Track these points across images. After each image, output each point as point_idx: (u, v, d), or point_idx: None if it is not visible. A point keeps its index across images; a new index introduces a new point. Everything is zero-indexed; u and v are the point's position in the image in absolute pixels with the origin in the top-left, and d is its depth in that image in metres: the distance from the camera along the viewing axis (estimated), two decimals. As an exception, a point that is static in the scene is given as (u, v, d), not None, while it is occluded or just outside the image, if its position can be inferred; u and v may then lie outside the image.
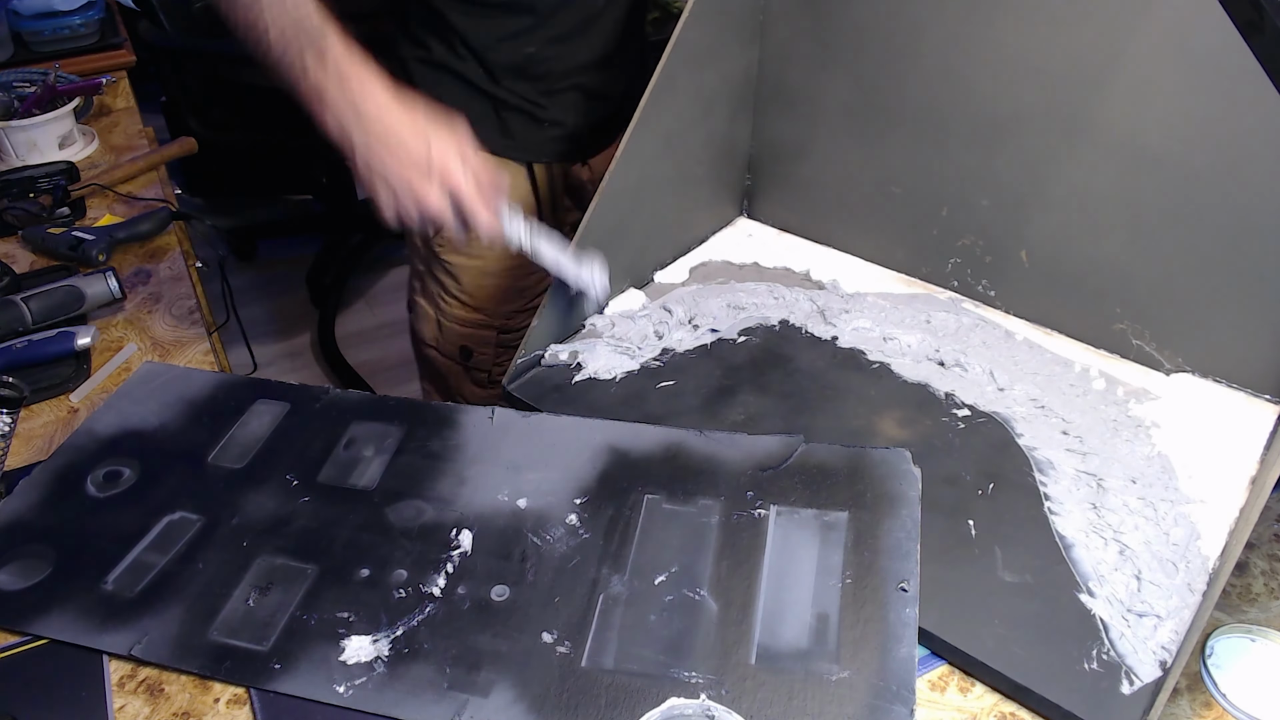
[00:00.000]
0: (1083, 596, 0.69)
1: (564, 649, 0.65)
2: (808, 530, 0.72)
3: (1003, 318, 1.00)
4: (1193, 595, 0.68)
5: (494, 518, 0.75)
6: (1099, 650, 0.65)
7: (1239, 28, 0.55)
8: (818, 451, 0.77)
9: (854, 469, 0.75)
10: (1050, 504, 0.77)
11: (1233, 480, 0.80)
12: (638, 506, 0.75)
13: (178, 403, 0.89)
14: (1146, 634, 0.66)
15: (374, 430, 0.84)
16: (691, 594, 0.68)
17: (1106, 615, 0.68)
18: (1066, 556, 0.72)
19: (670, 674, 0.63)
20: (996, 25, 0.88)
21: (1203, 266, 0.85)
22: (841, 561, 0.69)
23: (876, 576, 0.67)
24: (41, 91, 1.42)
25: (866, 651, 0.63)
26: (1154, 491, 0.77)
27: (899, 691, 0.60)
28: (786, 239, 1.15)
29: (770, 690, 0.61)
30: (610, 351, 0.94)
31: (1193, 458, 0.82)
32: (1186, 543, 0.72)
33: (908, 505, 0.72)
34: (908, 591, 0.66)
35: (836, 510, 0.72)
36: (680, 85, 0.95)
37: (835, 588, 0.67)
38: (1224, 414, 0.87)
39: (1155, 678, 0.63)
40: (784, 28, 1.03)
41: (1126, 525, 0.74)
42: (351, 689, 0.64)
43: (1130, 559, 0.71)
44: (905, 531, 0.70)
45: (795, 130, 1.08)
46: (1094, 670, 0.64)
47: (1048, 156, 0.90)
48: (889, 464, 0.75)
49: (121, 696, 0.67)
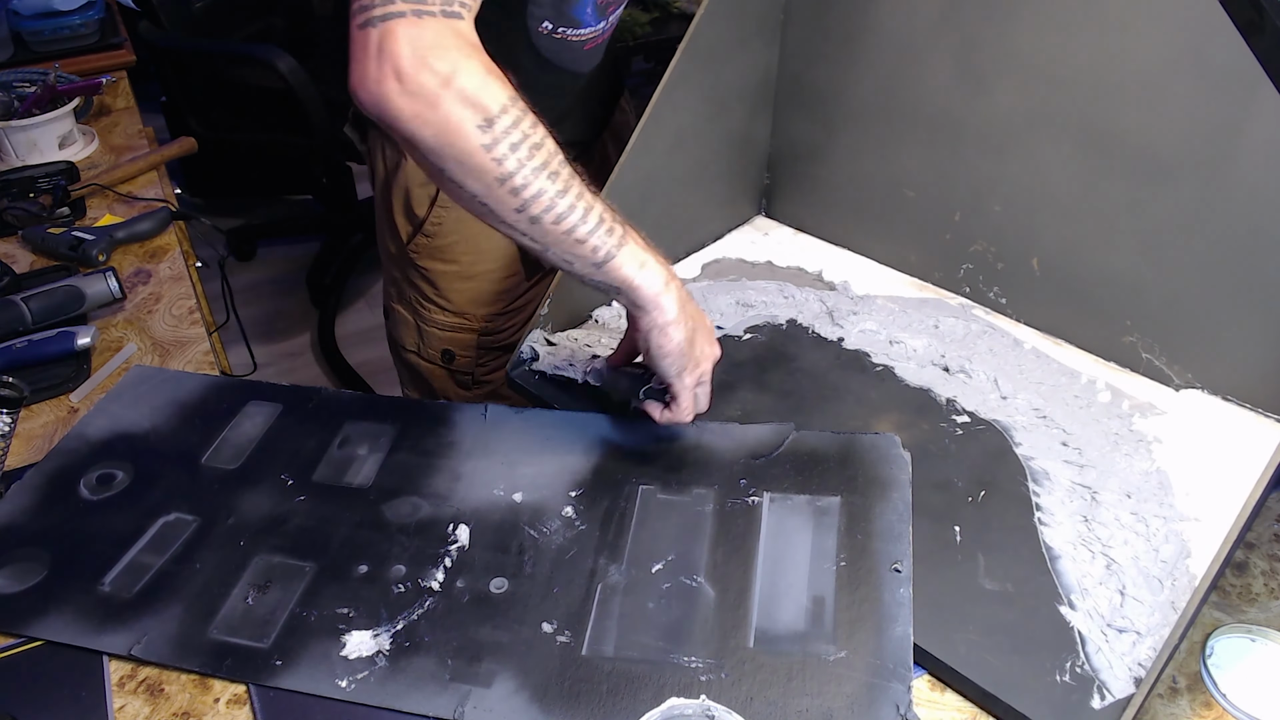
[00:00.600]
0: (1063, 609, 0.68)
1: (564, 638, 0.66)
2: (801, 515, 0.73)
3: (1012, 325, 0.99)
4: (1175, 613, 0.67)
5: (490, 512, 0.76)
6: (1073, 663, 0.64)
7: (1239, 28, 0.55)
8: (809, 439, 0.79)
9: (845, 454, 0.77)
10: (1041, 514, 0.76)
11: (1231, 499, 0.77)
12: (632, 497, 0.76)
13: (169, 406, 0.89)
14: (1124, 650, 0.65)
15: (368, 429, 0.85)
16: (689, 581, 0.69)
17: (1085, 629, 0.66)
18: (1051, 568, 0.71)
19: (670, 659, 0.64)
20: (1013, 31, 0.87)
21: (1216, 281, 0.83)
22: (835, 545, 0.70)
23: (870, 558, 0.69)
24: (41, 91, 1.41)
25: (863, 632, 0.64)
26: (1148, 507, 0.76)
27: (896, 670, 0.62)
28: (802, 239, 1.15)
29: (769, 672, 0.62)
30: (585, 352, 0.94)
31: (1193, 475, 0.80)
32: (1175, 560, 0.71)
33: (898, 488, 0.73)
34: (901, 572, 0.67)
35: (829, 495, 0.74)
36: (694, 82, 0.95)
37: (830, 570, 0.68)
38: (1230, 432, 0.85)
39: (1128, 694, 0.62)
40: (804, 27, 1.03)
41: (1116, 539, 0.73)
42: (354, 683, 0.64)
43: (1116, 573, 0.70)
44: (897, 514, 0.71)
45: (814, 130, 1.08)
46: (1065, 682, 0.63)
47: (1061, 164, 0.89)
48: (879, 449, 0.76)
49: (121, 696, 0.67)
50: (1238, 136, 0.77)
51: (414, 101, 0.65)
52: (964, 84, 0.93)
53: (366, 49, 0.66)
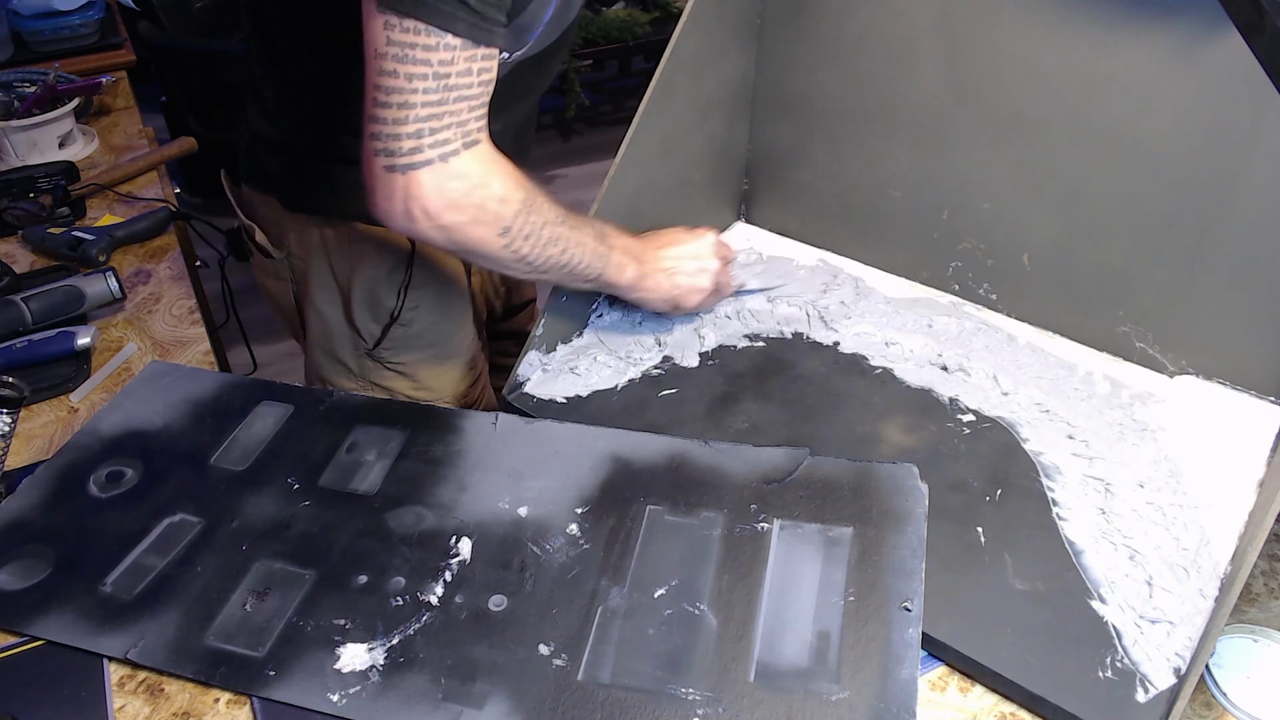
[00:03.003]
0: (1094, 603, 0.68)
1: (560, 661, 0.65)
2: (811, 545, 0.70)
3: (1004, 321, 0.99)
4: (1205, 601, 0.68)
5: (494, 525, 0.75)
6: (1113, 658, 0.65)
7: (1239, 28, 0.55)
8: (823, 465, 0.76)
9: (860, 483, 0.74)
10: (1058, 509, 0.76)
11: (1240, 483, 0.79)
12: (639, 517, 0.74)
13: (182, 403, 0.89)
14: (1160, 640, 0.65)
15: (377, 434, 0.84)
16: (691, 608, 0.67)
17: (1119, 622, 0.67)
18: (1076, 563, 0.71)
19: (667, 690, 0.62)
20: (997, 27, 0.87)
21: (1205, 268, 0.85)
22: (844, 578, 0.68)
23: (880, 595, 0.66)
24: (41, 91, 1.42)
25: (867, 672, 0.62)
26: (1162, 496, 0.77)
27: (899, 714, 0.59)
28: (785, 244, 1.14)
29: (768, 709, 0.60)
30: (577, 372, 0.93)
31: (1199, 461, 0.81)
32: (1197, 548, 0.72)
33: (913, 522, 0.70)
34: (911, 611, 0.65)
35: (841, 525, 0.71)
36: (679, 90, 0.95)
37: (837, 605, 0.66)
38: (1228, 417, 0.86)
39: (1170, 685, 0.63)
40: (781, 30, 1.02)
41: (1136, 530, 0.73)
42: (345, 698, 0.63)
43: (1141, 564, 0.71)
44: (910, 549, 0.69)
45: (793, 134, 1.08)
46: (1108, 678, 0.64)
47: (1050, 159, 0.89)
48: (895, 479, 0.74)
49: (121, 696, 0.67)
50: (1222, 126, 0.79)
51: (442, 231, 0.74)
52: (949, 82, 0.92)
53: (392, 192, 0.72)
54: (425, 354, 1.03)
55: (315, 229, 0.96)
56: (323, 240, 0.96)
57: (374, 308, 0.98)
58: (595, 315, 1.00)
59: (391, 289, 0.97)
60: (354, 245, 0.96)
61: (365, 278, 0.97)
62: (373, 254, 0.96)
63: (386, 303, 0.98)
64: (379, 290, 0.97)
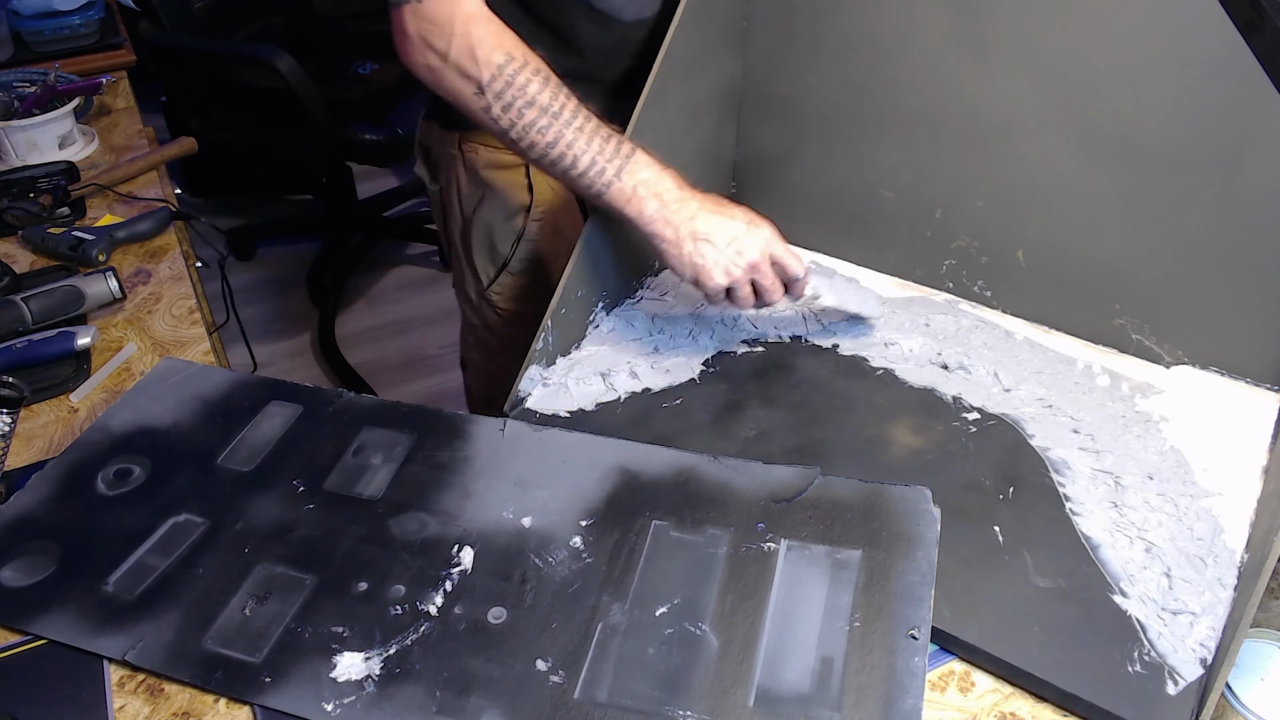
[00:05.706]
0: (1116, 598, 0.69)
1: (557, 678, 0.64)
2: (818, 567, 0.69)
3: (1000, 318, 0.99)
4: (1224, 590, 0.68)
5: (497, 535, 0.74)
6: (1140, 651, 0.65)
7: (1239, 28, 0.54)
8: (834, 485, 0.74)
9: (870, 505, 0.72)
10: (1071, 505, 0.76)
11: (1245, 471, 0.79)
12: (644, 532, 0.73)
13: (193, 400, 0.89)
14: (1184, 632, 0.66)
15: (384, 438, 0.83)
16: (693, 628, 0.66)
17: (1142, 615, 0.67)
18: (1094, 557, 0.72)
19: (665, 711, 0.61)
20: (988, 23, 0.87)
21: (1199, 259, 0.86)
22: (851, 603, 0.66)
23: (886, 621, 0.64)
24: (41, 91, 1.42)
25: (870, 701, 0.60)
26: (1172, 487, 0.77)
27: (902, 747, 0.58)
28: None
29: (767, 736, 0.59)
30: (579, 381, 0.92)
31: (1204, 450, 0.81)
32: (1211, 537, 0.73)
33: (924, 547, 0.69)
34: (918, 640, 0.63)
35: (849, 548, 0.70)
36: (670, 96, 0.94)
37: (843, 630, 0.64)
38: (1227, 405, 0.87)
39: (1198, 676, 0.63)
40: (766, 33, 1.02)
41: (1150, 523, 0.74)
42: (340, 708, 0.63)
43: (1158, 556, 0.71)
44: (920, 575, 0.67)
45: (781, 136, 1.07)
46: (1138, 673, 0.64)
47: (1043, 155, 0.89)
48: (907, 502, 0.72)
49: (121, 696, 0.67)
50: (1213, 118, 0.80)
51: (428, 73, 0.81)
52: (939, 80, 0.92)
53: (394, 28, 0.80)
54: (533, 308, 1.07)
55: (456, 156, 1.05)
56: (457, 171, 1.05)
57: (490, 250, 1.08)
58: (593, 327, 0.99)
59: (508, 236, 1.06)
60: (479, 184, 1.05)
61: (484, 218, 1.06)
62: (493, 197, 1.04)
63: (501, 248, 1.07)
64: (495, 234, 1.06)
